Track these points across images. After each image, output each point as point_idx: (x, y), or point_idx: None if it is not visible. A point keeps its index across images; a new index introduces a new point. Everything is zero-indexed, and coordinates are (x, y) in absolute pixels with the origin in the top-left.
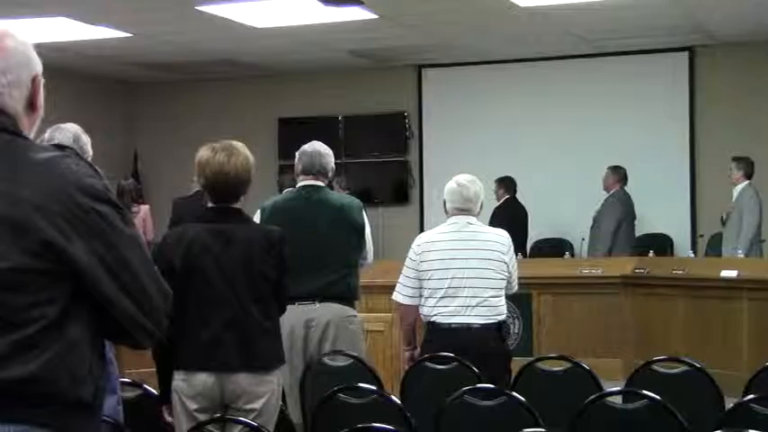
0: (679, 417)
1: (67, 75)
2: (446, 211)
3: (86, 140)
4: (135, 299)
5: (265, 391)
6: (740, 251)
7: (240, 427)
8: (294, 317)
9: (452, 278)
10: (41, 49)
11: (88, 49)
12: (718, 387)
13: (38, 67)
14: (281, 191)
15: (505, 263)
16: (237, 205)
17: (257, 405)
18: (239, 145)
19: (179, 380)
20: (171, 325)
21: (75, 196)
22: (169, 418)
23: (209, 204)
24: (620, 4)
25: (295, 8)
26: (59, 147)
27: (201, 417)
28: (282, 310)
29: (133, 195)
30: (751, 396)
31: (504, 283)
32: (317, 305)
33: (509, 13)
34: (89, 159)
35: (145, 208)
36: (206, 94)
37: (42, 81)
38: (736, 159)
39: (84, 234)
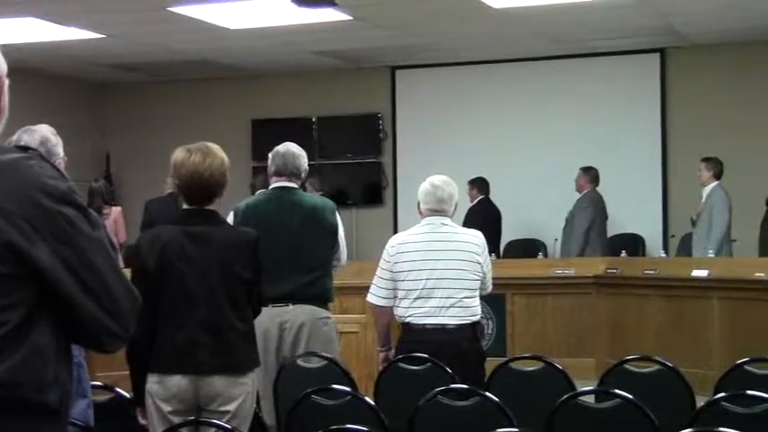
0: (651, 415)
1: (38, 76)
2: (420, 213)
3: (56, 142)
4: (101, 302)
5: (240, 394)
6: (710, 251)
7: (214, 429)
8: (268, 318)
9: (427, 279)
10: (8, 49)
11: (59, 50)
12: (689, 385)
13: (2, 68)
14: (253, 192)
15: (480, 263)
16: (212, 207)
17: (232, 407)
18: (214, 147)
19: (153, 382)
20: (142, 328)
21: (37, 198)
22: (143, 421)
23: (184, 206)
24: (591, 6)
25: (268, 9)
26: (23, 149)
27: (175, 419)
28: (257, 313)
29: (104, 197)
30: (722, 394)
31: (478, 284)
32: (291, 307)
33: (482, 14)
34: (60, 161)
35: (116, 210)
36: (179, 96)
37: (7, 82)
38: (706, 160)
39: (48, 237)
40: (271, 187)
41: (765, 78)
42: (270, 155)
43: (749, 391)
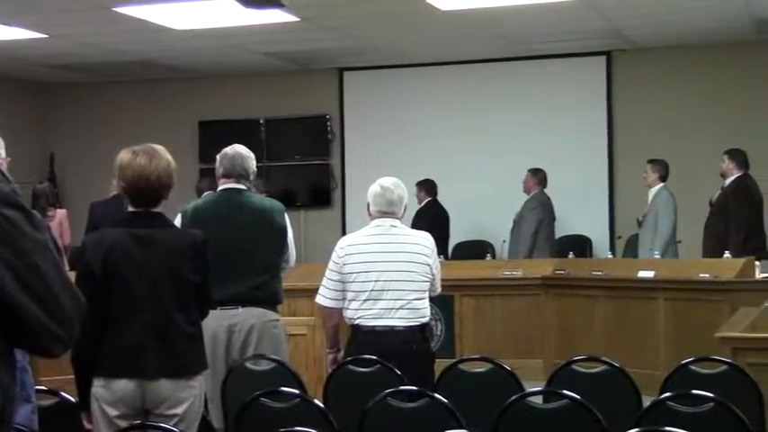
0: (598, 415)
1: None
2: (370, 215)
3: None
4: (45, 306)
5: (187, 397)
6: (656, 252)
7: None
8: (217, 321)
9: (376, 281)
10: None
11: (2, 50)
12: (636, 385)
13: None
14: (199, 195)
15: (429, 265)
16: (158, 209)
17: (179, 410)
18: (160, 148)
19: (99, 386)
20: (87, 332)
21: None
22: (89, 426)
23: (130, 208)
24: (538, 9)
25: (215, 10)
26: None
27: (122, 423)
28: (205, 315)
29: (49, 199)
30: (667, 394)
31: (427, 286)
32: (240, 309)
33: (430, 16)
34: (2, 162)
35: (61, 212)
36: (125, 97)
37: None
38: (652, 162)
39: None
40: (219, 189)
41: (709, 81)
42: (218, 156)
43: (694, 391)
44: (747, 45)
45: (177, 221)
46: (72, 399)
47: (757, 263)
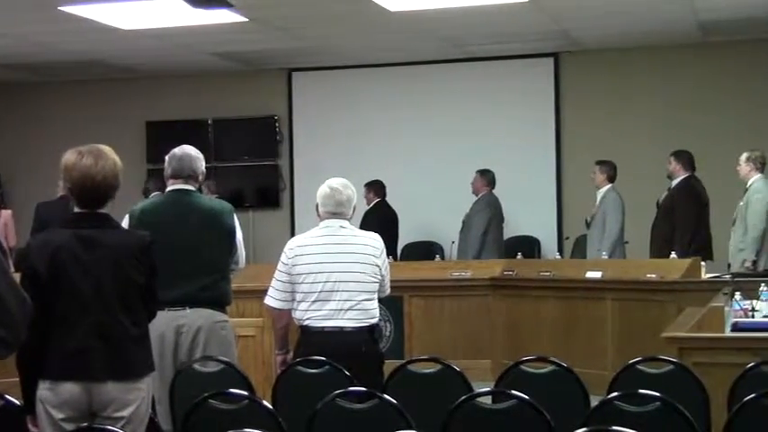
0: (546, 415)
1: None
2: (319, 215)
3: None
4: None
5: (134, 399)
6: (604, 253)
7: None
8: (164, 323)
9: (325, 282)
10: None
11: None
12: (583, 385)
13: None
14: (146, 196)
15: (378, 266)
16: (105, 210)
17: (126, 413)
18: (106, 149)
19: (44, 389)
20: (33, 334)
21: None
22: (34, 429)
23: (76, 209)
24: (487, 10)
25: (162, 10)
26: None
27: (68, 426)
28: (152, 316)
29: None
30: (615, 393)
31: (376, 287)
32: (188, 310)
33: (379, 18)
34: None
35: (6, 213)
36: (71, 97)
37: None
38: (600, 163)
39: None
40: (167, 190)
41: (656, 82)
42: (166, 157)
43: (641, 390)
44: (693, 47)
45: (125, 222)
46: (17, 402)
47: (703, 263)
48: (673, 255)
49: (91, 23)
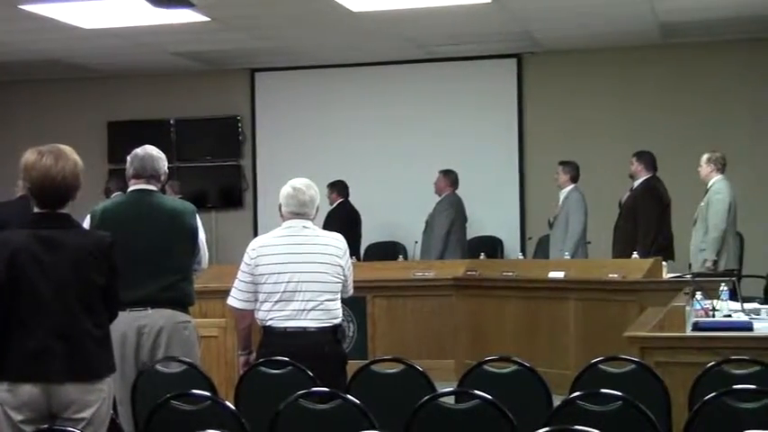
0: (509, 415)
1: None
2: (282, 216)
3: None
4: None
5: (95, 400)
6: (566, 253)
7: None
8: (126, 323)
9: (288, 282)
10: None
11: None
12: (546, 385)
13: None
14: (108, 196)
15: (341, 266)
16: (65, 210)
17: (87, 414)
18: (67, 149)
19: (3, 391)
20: None
21: None
22: None
23: (36, 210)
24: (450, 11)
25: (124, 9)
26: None
27: (28, 428)
28: (113, 317)
29: None
30: (577, 393)
31: (339, 287)
32: (150, 311)
33: (342, 18)
34: None
35: None
36: (32, 96)
37: None
38: (563, 163)
39: None
40: (129, 190)
41: (618, 83)
42: (128, 157)
43: (603, 390)
44: (654, 49)
45: (86, 223)
46: None
47: (664, 263)
48: (635, 255)
49: (52, 22)
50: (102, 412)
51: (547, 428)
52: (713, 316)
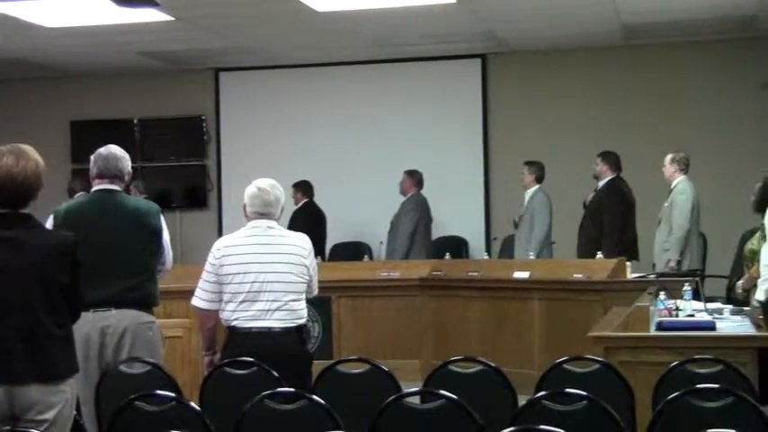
0: (475, 415)
1: None
2: (246, 216)
3: None
4: None
5: (58, 401)
6: (531, 253)
7: None
8: (89, 324)
9: (253, 282)
10: None
11: None
12: (511, 385)
13: None
14: (71, 196)
15: (306, 266)
16: (27, 210)
17: (49, 415)
18: (28, 148)
19: None
20: None
21: None
22: None
23: None
24: (414, 11)
25: (88, 8)
26: None
27: None
28: (76, 318)
29: None
30: (542, 393)
31: (304, 287)
32: (114, 311)
33: (306, 17)
34: None
35: None
36: None
37: None
38: (528, 164)
39: None
40: (92, 190)
41: (583, 84)
42: (92, 157)
43: (568, 390)
44: (618, 49)
45: (49, 223)
46: None
47: (628, 263)
48: (599, 255)
49: (13, 21)
50: (65, 414)
51: (512, 428)
52: (677, 316)
